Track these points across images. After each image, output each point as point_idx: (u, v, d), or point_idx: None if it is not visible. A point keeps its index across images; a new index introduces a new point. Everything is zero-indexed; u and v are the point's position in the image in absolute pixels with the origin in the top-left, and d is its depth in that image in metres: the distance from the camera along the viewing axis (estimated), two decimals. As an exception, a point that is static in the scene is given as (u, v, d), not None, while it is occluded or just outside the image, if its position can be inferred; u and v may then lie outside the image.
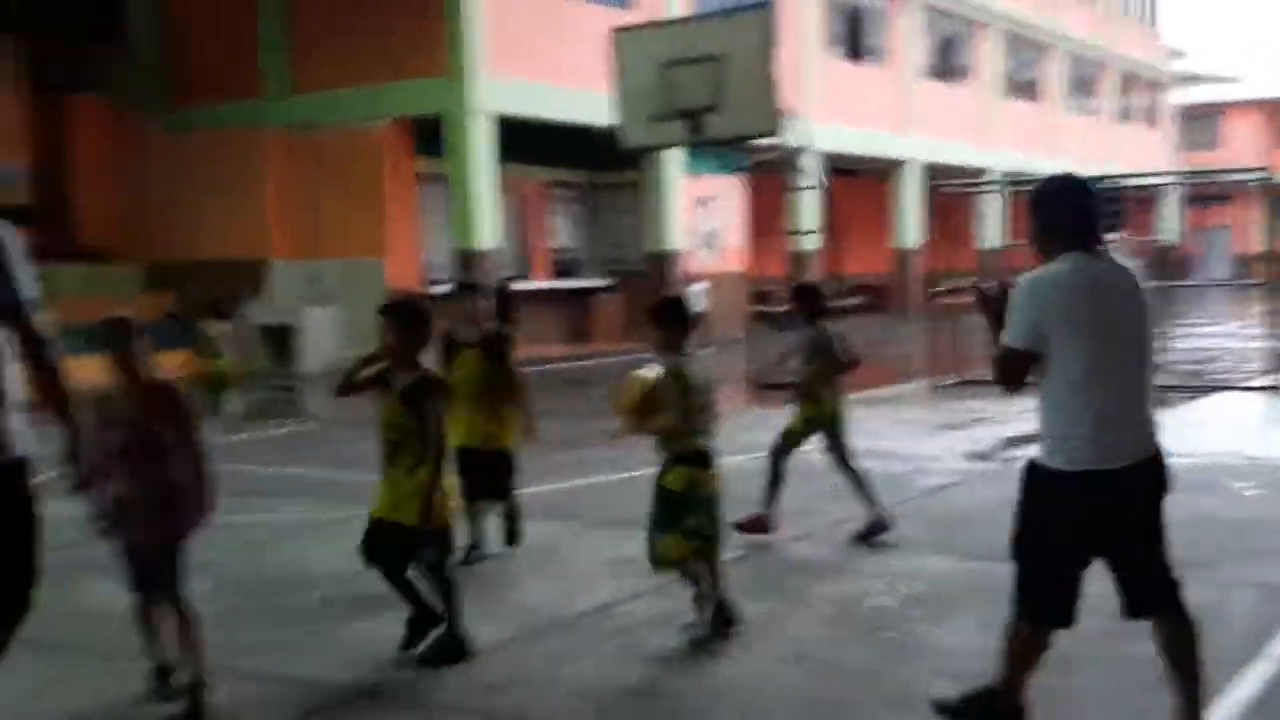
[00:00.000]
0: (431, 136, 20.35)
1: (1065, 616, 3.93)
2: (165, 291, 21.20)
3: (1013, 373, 3.87)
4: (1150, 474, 3.87)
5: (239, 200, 21.18)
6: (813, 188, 23.10)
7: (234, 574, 6.66)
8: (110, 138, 22.67)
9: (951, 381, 15.58)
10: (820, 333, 7.29)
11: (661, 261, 23.98)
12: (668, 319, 5.29)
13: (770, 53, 14.14)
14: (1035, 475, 3.92)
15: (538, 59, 20.57)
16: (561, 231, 26.12)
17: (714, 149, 21.56)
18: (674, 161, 23.40)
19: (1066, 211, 3.92)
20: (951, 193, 27.01)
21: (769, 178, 21.65)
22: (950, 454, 10.41)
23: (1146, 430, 3.88)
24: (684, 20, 17.87)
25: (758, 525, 7.13)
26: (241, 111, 21.59)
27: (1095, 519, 3.82)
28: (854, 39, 30.83)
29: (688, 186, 24.72)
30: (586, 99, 20.07)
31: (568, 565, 6.80)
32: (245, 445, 11.87)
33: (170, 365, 18.75)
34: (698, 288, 21.63)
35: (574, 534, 7.53)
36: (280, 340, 19.76)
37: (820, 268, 25.94)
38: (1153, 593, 3.91)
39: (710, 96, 14.06)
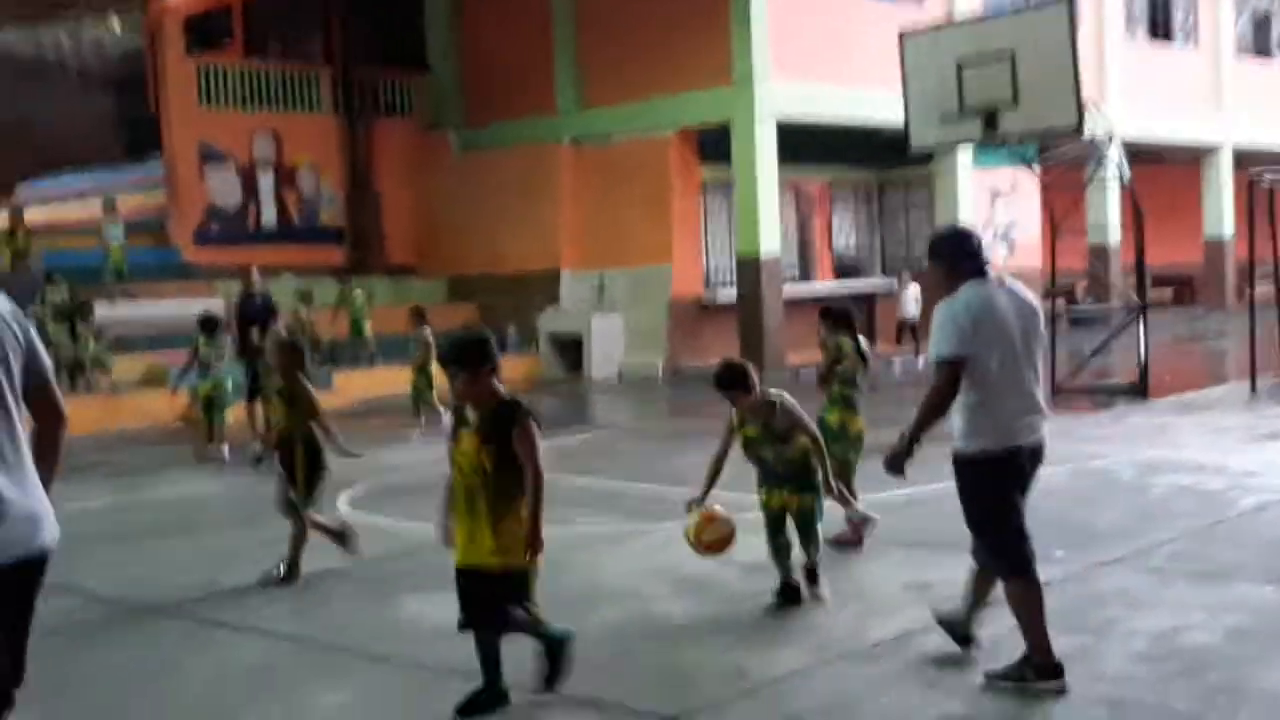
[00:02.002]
0: (713, 143, 20.53)
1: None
2: (466, 304, 22.33)
3: None
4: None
5: (532, 214, 21.97)
6: (1114, 178, 21.90)
7: (538, 586, 6.85)
8: (413, 158, 24.01)
9: (1276, 382, 14.42)
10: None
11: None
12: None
13: (1070, 44, 13.50)
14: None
15: (822, 61, 20.40)
16: (844, 232, 25.79)
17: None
18: (965, 156, 22.74)
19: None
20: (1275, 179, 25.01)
21: (1067, 169, 20.70)
22: (1276, 468, 9.60)
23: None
24: (977, 19, 17.29)
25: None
26: (535, 128, 22.40)
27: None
28: (1159, 18, 29.07)
29: (979, 179, 23.97)
30: (871, 98, 19.76)
31: (862, 588, 6.66)
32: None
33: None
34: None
35: (866, 554, 7.36)
36: (571, 349, 20.39)
37: (1122, 260, 24.57)
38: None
39: (1007, 93, 13.57)
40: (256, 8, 24.63)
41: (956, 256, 5.00)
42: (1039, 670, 4.89)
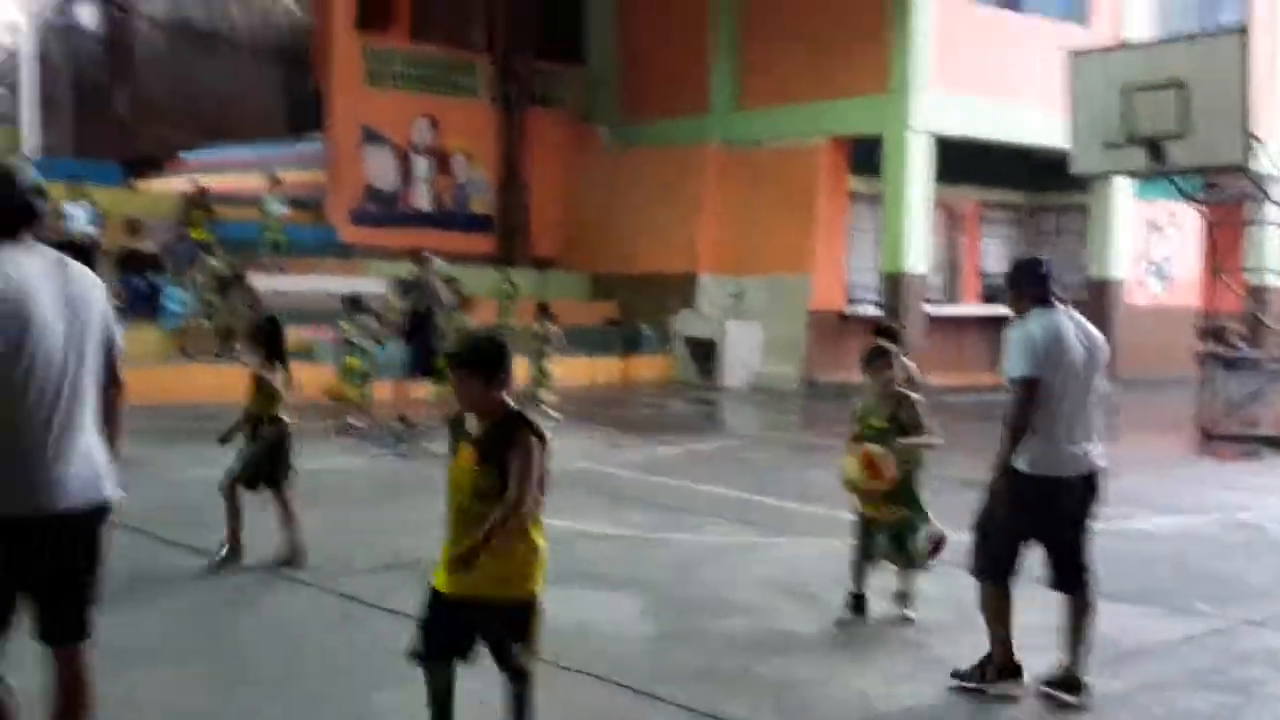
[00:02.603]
0: (866, 154, 20.33)
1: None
2: (606, 300, 22.55)
3: None
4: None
5: (674, 214, 22.02)
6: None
7: (663, 594, 6.93)
8: (564, 151, 24.27)
9: None
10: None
11: (1104, 288, 22.76)
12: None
13: (1244, 77, 13.06)
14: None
15: (982, 76, 20.03)
16: (994, 254, 25.31)
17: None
18: (1124, 184, 22.12)
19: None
20: None
21: (1230, 205, 20.01)
22: None
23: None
24: (1149, 43, 16.81)
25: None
26: (686, 127, 22.46)
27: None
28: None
29: (1138, 211, 23.31)
30: (1030, 117, 19.37)
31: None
32: (671, 460, 12.33)
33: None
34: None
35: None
36: (705, 354, 20.41)
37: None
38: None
39: (1175, 123, 13.19)
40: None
41: (1027, 283, 5.27)
42: (1000, 671, 5.22)
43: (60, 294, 3.52)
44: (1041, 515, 5.14)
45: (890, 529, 6.27)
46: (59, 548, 3.53)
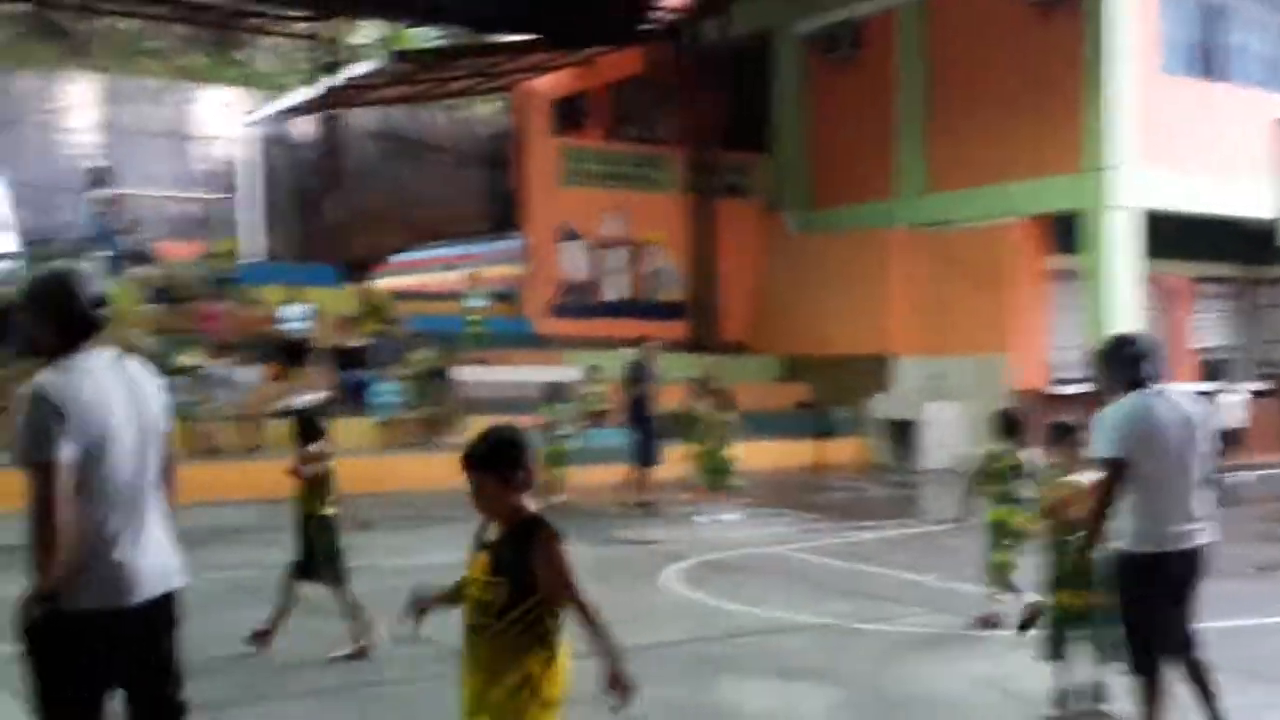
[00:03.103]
0: (1068, 231, 19.83)
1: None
2: (797, 383, 22.47)
3: None
4: None
5: (863, 297, 21.88)
6: None
7: (860, 687, 6.78)
8: (752, 238, 24.47)
9: None
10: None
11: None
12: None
13: None
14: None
15: (1186, 148, 19.37)
16: (1209, 330, 24.23)
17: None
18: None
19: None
20: None
21: None
22: None
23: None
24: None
25: None
26: (873, 212, 22.39)
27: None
28: None
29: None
30: (1241, 188, 18.62)
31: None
32: (869, 546, 12.11)
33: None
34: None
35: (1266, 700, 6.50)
36: (902, 436, 20.06)
37: None
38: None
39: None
40: (616, 91, 26.00)
41: (1114, 366, 5.31)
42: None
43: (128, 397, 3.74)
44: (1170, 590, 5.20)
45: (1090, 619, 6.02)
46: (144, 638, 3.72)
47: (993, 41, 20.68)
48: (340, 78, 24.17)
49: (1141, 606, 5.17)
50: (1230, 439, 18.66)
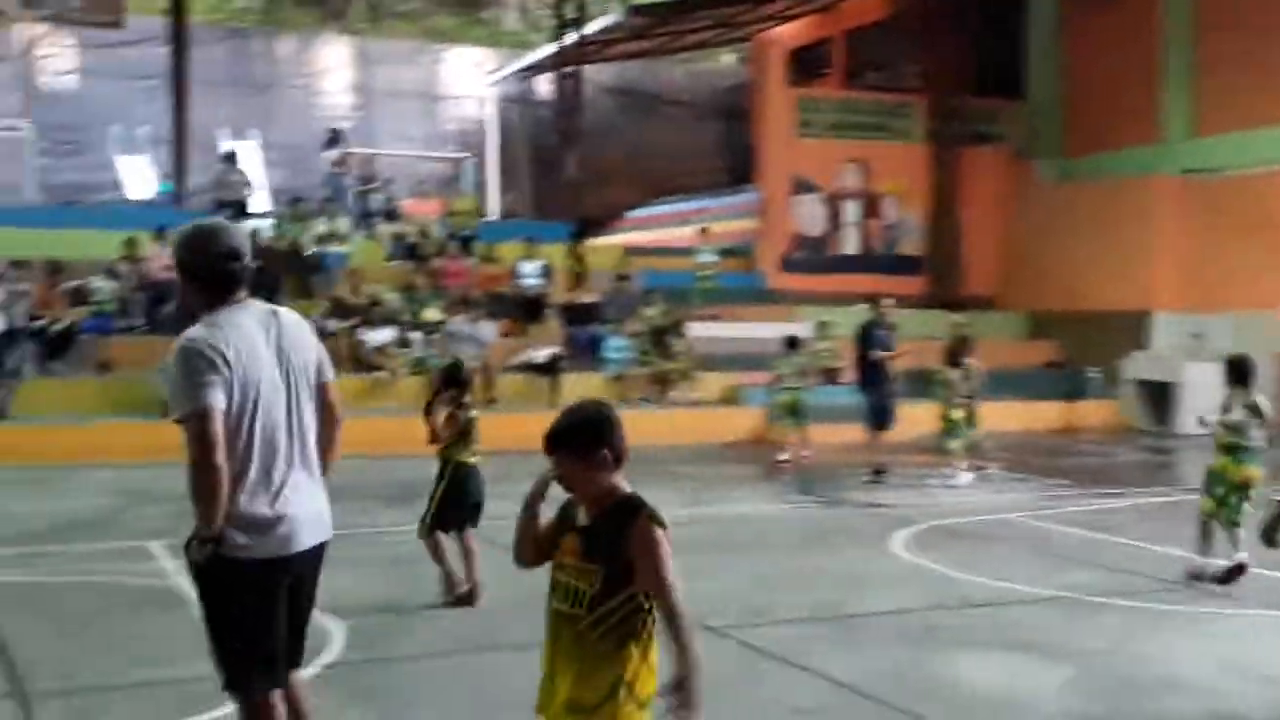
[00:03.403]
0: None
1: None
2: (1045, 340, 21.47)
3: None
4: None
5: (1123, 250, 20.63)
6: None
7: (1096, 665, 6.36)
8: (999, 188, 23.41)
9: None
10: None
11: None
12: None
13: None
14: None
15: None
16: None
17: None
18: None
19: None
20: None
21: None
22: None
23: None
24: None
25: None
26: (1134, 158, 21.07)
27: None
28: None
29: None
30: None
31: None
32: (1118, 515, 11.44)
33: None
34: None
35: None
36: (1159, 398, 18.89)
37: None
38: None
39: None
40: (856, 39, 25.30)
41: None
42: None
43: (276, 347, 3.83)
44: None
45: None
46: (298, 584, 3.90)
47: (1268, -30, 19.06)
48: (578, 34, 24.37)
49: None
50: None
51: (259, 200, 21.69)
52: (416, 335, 17.13)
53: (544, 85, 28.84)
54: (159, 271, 16.61)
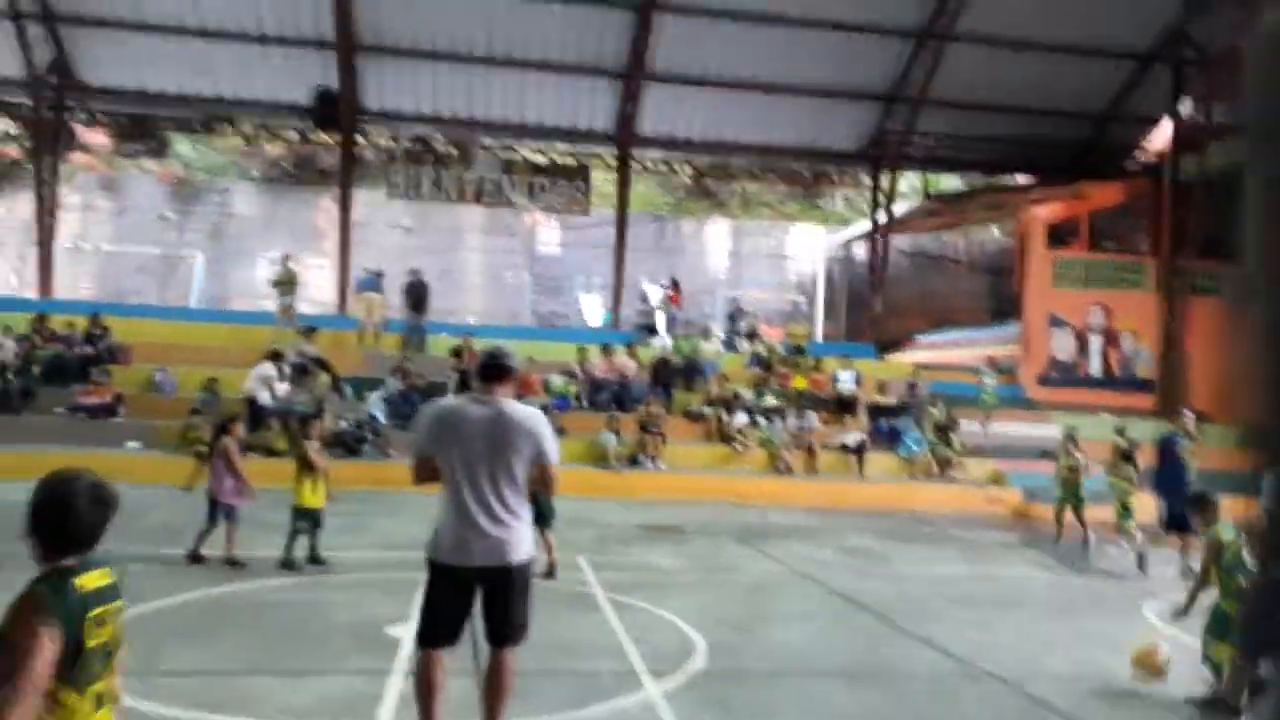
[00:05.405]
0: None
1: None
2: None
3: None
4: None
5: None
6: None
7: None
8: (1221, 329, 20.19)
9: None
10: None
11: None
12: None
13: None
14: None
15: None
16: None
17: None
18: None
19: None
20: None
21: None
22: None
23: None
24: None
25: None
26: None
27: None
28: None
29: None
30: None
31: None
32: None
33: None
34: None
35: None
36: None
37: None
38: None
39: None
40: (1100, 214, 22.95)
41: None
42: None
43: (486, 423, 3.74)
44: None
45: None
46: (487, 589, 3.79)
47: None
48: (887, 215, 23.43)
49: None
50: None
51: (662, 325, 22.06)
52: (762, 420, 16.66)
53: (860, 248, 28.02)
54: (600, 371, 17.09)
